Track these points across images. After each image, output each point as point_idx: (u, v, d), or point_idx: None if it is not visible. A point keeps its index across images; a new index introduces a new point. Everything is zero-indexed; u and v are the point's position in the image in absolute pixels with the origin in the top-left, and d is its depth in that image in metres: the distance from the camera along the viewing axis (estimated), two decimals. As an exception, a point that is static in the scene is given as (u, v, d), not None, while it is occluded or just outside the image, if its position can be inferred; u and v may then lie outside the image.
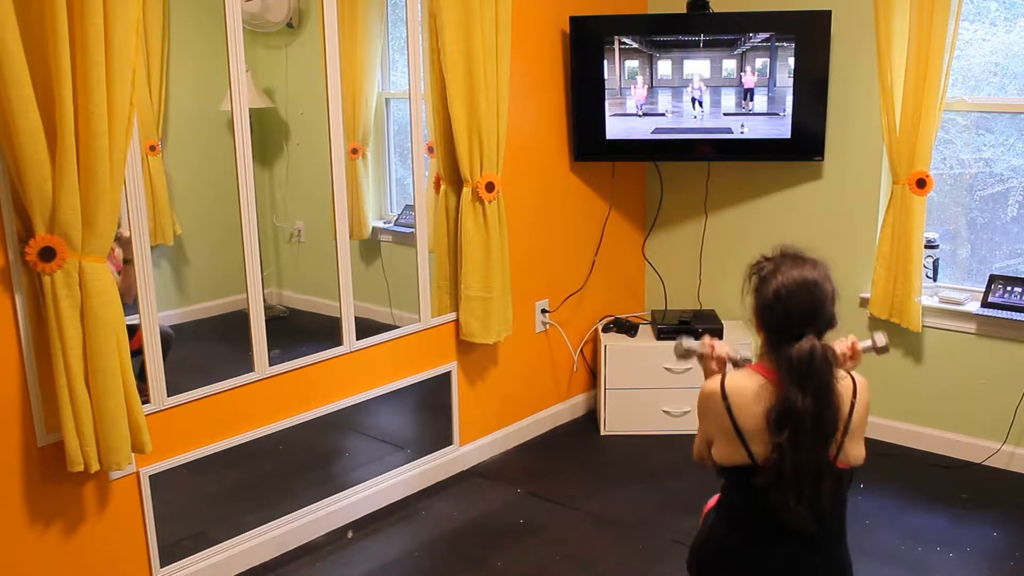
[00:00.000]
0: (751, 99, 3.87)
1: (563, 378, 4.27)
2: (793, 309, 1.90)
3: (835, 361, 1.91)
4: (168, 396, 2.82)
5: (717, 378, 1.99)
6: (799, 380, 1.88)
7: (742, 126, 3.91)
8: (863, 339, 2.21)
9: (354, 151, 3.87)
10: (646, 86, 3.92)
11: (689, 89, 3.90)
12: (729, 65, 3.86)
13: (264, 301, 3.08)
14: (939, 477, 3.68)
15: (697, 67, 3.88)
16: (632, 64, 3.92)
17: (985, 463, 3.74)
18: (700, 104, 3.91)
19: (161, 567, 2.87)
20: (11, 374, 2.47)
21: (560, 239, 4.11)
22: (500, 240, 3.58)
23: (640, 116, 3.95)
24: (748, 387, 1.95)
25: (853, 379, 2.00)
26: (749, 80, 3.84)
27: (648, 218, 4.52)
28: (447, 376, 3.71)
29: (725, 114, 3.91)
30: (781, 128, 3.87)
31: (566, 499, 3.55)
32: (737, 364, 2.16)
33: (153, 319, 2.74)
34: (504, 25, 3.43)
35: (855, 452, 1.99)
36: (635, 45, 3.90)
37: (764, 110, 3.87)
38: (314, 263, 4.05)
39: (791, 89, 3.81)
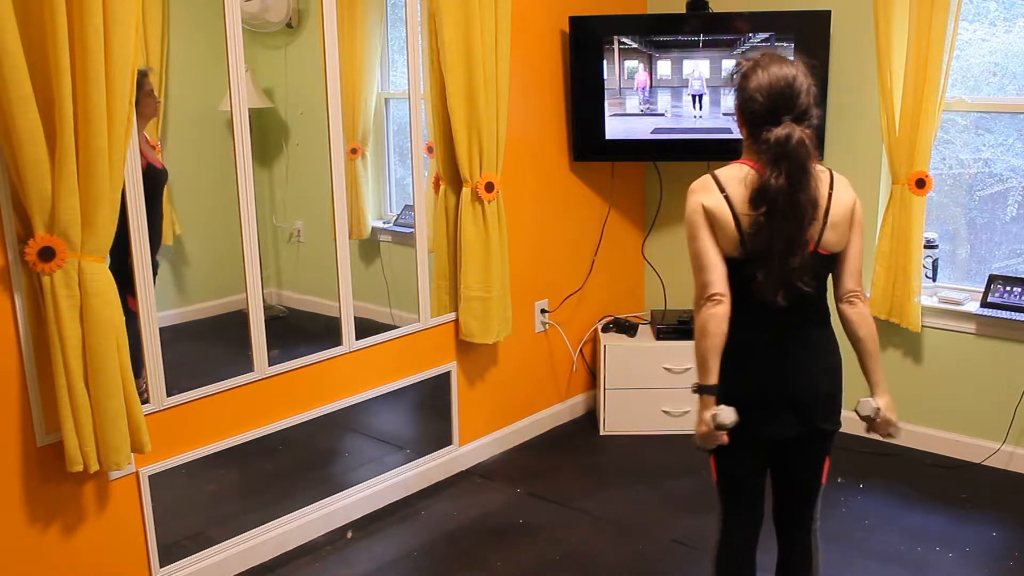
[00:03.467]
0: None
1: (562, 378, 4.27)
2: (771, 99, 2.04)
3: (812, 147, 2.04)
4: (168, 396, 2.82)
5: (707, 175, 2.16)
6: (775, 160, 2.02)
7: (742, 126, 3.90)
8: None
9: (353, 151, 3.87)
10: (647, 80, 3.92)
11: (690, 86, 3.90)
12: (729, 65, 3.86)
13: (264, 301, 3.08)
14: (939, 477, 3.68)
15: (697, 66, 3.89)
16: (632, 64, 3.92)
17: (985, 463, 3.75)
18: (701, 100, 3.90)
19: (161, 567, 2.87)
20: (11, 374, 2.47)
21: (560, 239, 4.11)
22: (499, 240, 3.59)
23: (641, 112, 3.95)
24: (736, 174, 2.11)
25: (832, 173, 2.15)
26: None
27: (648, 218, 4.53)
28: (446, 376, 3.71)
29: (724, 114, 3.91)
30: (781, 128, 3.87)
31: (566, 499, 3.55)
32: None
33: (153, 319, 2.74)
34: (504, 25, 3.43)
35: (835, 239, 2.13)
36: (635, 45, 3.90)
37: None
38: (314, 263, 4.05)
39: (791, 89, 3.81)
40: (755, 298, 2.11)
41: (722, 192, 2.11)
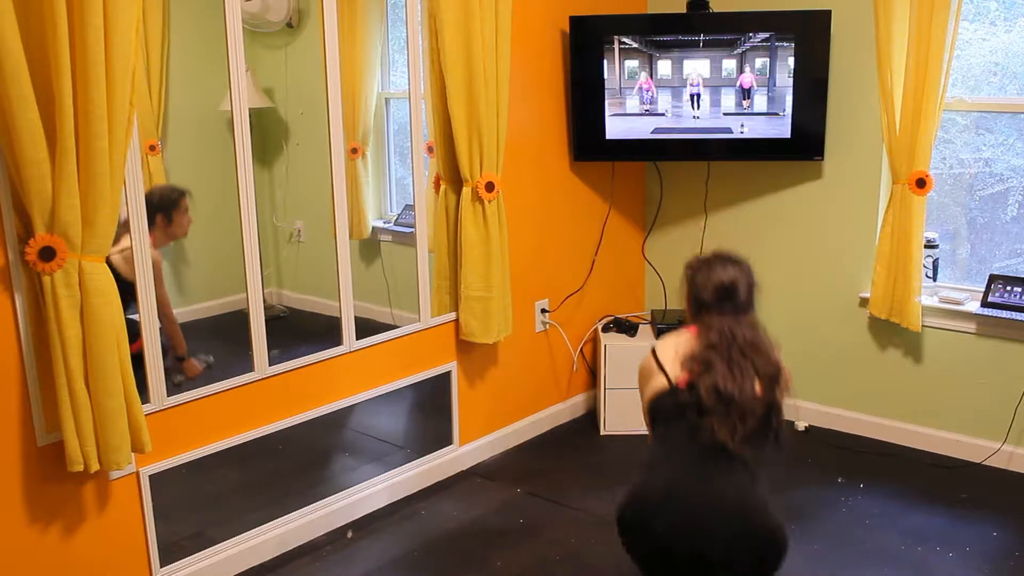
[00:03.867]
0: (749, 99, 3.87)
1: (563, 378, 4.27)
2: (716, 295, 2.32)
3: (761, 335, 2.28)
4: (168, 396, 2.82)
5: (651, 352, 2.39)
6: (718, 338, 2.25)
7: (742, 126, 3.91)
8: None
9: (354, 151, 3.87)
10: (651, 83, 3.92)
11: (687, 87, 3.90)
12: (729, 65, 3.86)
13: (264, 301, 3.08)
14: (939, 477, 3.68)
15: (697, 67, 3.89)
16: (632, 64, 3.92)
17: (985, 463, 3.74)
18: (699, 100, 3.90)
19: (161, 567, 2.87)
20: (11, 374, 2.47)
21: (560, 239, 4.11)
22: (500, 240, 3.59)
23: (641, 112, 3.95)
24: (672, 340, 2.36)
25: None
26: (747, 80, 3.85)
27: (648, 218, 4.53)
28: (447, 376, 3.71)
29: (725, 114, 3.91)
30: (781, 128, 3.87)
31: (566, 499, 3.55)
32: None
33: (153, 319, 2.74)
34: (504, 25, 3.43)
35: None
36: (635, 45, 3.90)
37: (764, 110, 3.88)
38: (314, 263, 4.05)
39: (791, 89, 3.82)
40: (686, 441, 2.22)
41: (657, 361, 2.33)
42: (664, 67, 3.91)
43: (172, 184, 3.45)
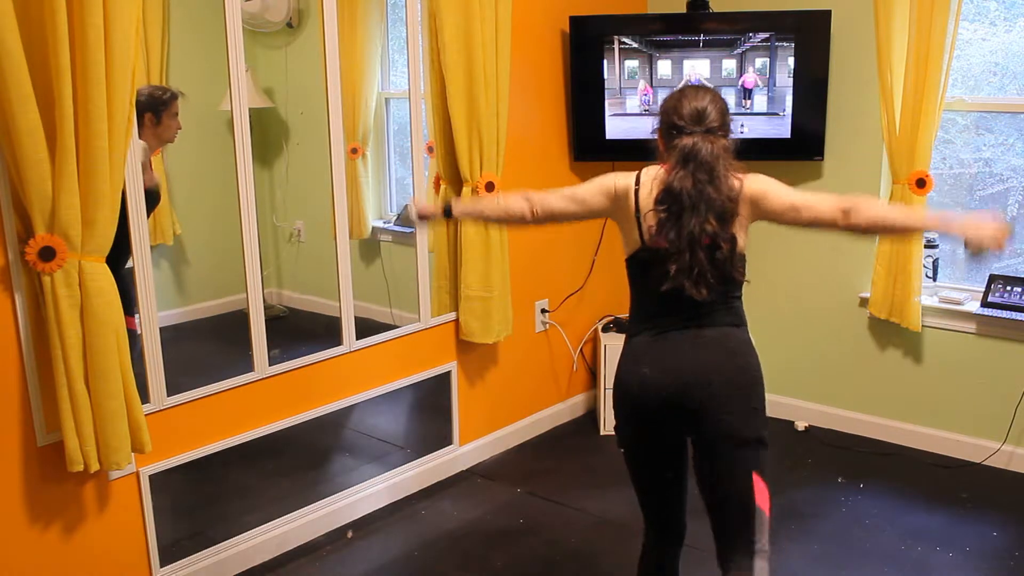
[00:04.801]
0: (750, 99, 3.87)
1: (563, 378, 4.27)
2: (683, 124, 2.19)
3: (722, 155, 2.17)
4: (168, 396, 2.82)
5: (632, 173, 2.26)
6: (683, 162, 2.14)
7: (742, 126, 3.91)
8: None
9: (354, 151, 3.87)
10: (649, 88, 3.92)
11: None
12: (729, 65, 3.86)
13: (264, 301, 3.08)
14: (939, 477, 3.68)
15: (697, 66, 3.89)
16: (632, 64, 3.92)
17: (985, 463, 3.74)
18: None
19: (161, 567, 2.87)
20: (11, 374, 2.47)
21: (560, 239, 4.11)
22: (500, 240, 3.59)
23: (642, 111, 3.95)
24: (648, 179, 2.23)
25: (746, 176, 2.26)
26: (750, 80, 3.85)
27: (648, 218, 4.52)
28: (447, 376, 3.71)
29: (725, 114, 3.91)
30: (781, 128, 3.87)
31: (566, 499, 3.55)
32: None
33: (153, 319, 2.74)
34: (504, 25, 3.43)
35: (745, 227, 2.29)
36: (635, 45, 3.90)
37: (764, 110, 3.88)
38: (314, 263, 4.05)
39: (791, 89, 3.82)
40: (662, 292, 2.13)
41: (636, 182, 2.23)
42: (664, 67, 3.91)
43: (163, 85, 3.29)
